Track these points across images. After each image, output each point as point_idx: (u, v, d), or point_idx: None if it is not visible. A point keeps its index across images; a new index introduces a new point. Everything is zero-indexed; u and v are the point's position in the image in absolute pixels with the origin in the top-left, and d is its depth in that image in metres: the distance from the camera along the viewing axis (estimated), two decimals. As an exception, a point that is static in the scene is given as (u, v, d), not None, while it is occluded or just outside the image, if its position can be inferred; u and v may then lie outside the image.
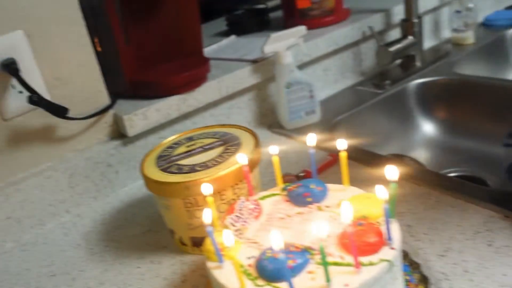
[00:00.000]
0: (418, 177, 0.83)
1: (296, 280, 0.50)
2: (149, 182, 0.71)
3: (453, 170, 1.15)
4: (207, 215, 0.53)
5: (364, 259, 0.51)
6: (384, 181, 0.53)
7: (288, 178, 0.88)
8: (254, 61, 1.08)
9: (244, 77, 1.06)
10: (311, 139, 0.65)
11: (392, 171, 0.53)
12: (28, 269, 0.79)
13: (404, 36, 1.29)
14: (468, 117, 1.22)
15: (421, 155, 1.22)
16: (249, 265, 0.53)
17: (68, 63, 0.86)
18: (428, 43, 1.47)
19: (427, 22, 1.46)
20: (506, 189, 0.77)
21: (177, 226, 0.74)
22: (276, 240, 0.47)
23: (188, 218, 0.72)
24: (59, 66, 0.85)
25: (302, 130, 1.08)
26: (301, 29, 1.03)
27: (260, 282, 0.51)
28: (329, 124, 1.11)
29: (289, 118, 1.09)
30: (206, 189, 0.59)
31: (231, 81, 1.04)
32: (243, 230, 0.58)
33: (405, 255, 0.65)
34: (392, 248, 0.52)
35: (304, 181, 0.64)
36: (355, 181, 0.73)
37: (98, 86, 0.91)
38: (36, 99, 0.77)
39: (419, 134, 1.25)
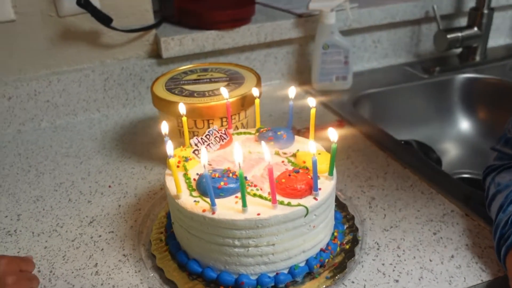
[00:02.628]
0: (407, 160, 0.85)
1: (223, 200, 0.57)
2: (154, 97, 0.81)
3: (468, 172, 1.13)
4: (164, 126, 0.62)
5: (286, 200, 0.57)
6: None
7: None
8: (299, 15, 1.11)
9: (286, 28, 1.10)
10: (292, 91, 0.70)
11: (333, 133, 0.57)
12: (51, 146, 0.94)
13: (469, 26, 1.24)
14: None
15: (446, 149, 1.20)
16: (194, 179, 0.62)
17: (122, -22, 0.96)
18: (502, 40, 1.40)
19: (507, 18, 1.38)
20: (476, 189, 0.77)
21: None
22: (203, 157, 0.54)
23: (179, 136, 0.81)
24: (113, -21, 0.96)
25: (329, 93, 1.11)
26: (349, -7, 1.05)
27: (195, 194, 0.59)
28: (358, 94, 1.13)
29: (319, 79, 1.12)
30: (182, 108, 0.67)
31: (271, 29, 1.08)
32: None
33: (350, 219, 0.70)
34: (315, 199, 0.57)
35: (276, 128, 0.70)
36: (350, 151, 0.78)
37: (145, 5, 1.00)
38: (83, 3, 0.88)
39: (452, 128, 1.23)
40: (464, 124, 1.23)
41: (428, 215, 0.71)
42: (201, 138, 0.67)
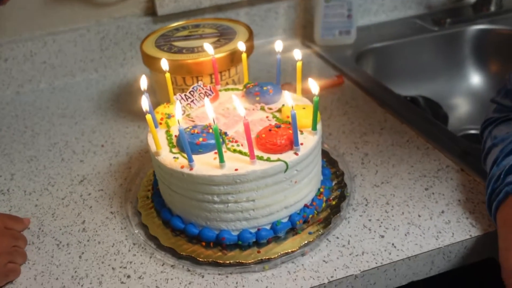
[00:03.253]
0: (405, 116, 0.82)
1: (202, 156, 0.57)
2: (143, 54, 0.79)
3: (477, 128, 1.08)
4: (143, 82, 0.60)
5: (266, 155, 0.55)
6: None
7: (286, 86, 0.91)
8: (299, -32, 1.06)
9: (286, -19, 1.06)
10: (278, 45, 0.67)
11: (313, 85, 0.55)
12: (48, 107, 0.94)
13: (483, -26, 1.17)
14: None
15: (455, 105, 1.16)
16: (175, 136, 0.61)
17: None
18: (521, -12, 1.32)
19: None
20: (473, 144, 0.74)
21: (161, 100, 0.83)
22: (178, 112, 0.53)
23: (168, 93, 0.79)
24: None
25: (331, 48, 1.08)
26: None
27: (175, 150, 0.58)
28: (361, 49, 1.09)
29: (322, 33, 1.08)
30: (164, 64, 0.66)
31: (270, -17, 1.04)
32: (188, 108, 0.65)
33: (340, 175, 0.68)
34: (296, 154, 0.56)
35: (263, 83, 0.67)
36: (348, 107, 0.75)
37: (138, -40, 0.98)
38: (70, -40, 0.86)
39: (462, 83, 1.18)
40: (475, 79, 1.18)
41: (422, 171, 0.69)
42: (185, 95, 0.65)
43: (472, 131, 1.09)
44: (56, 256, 0.60)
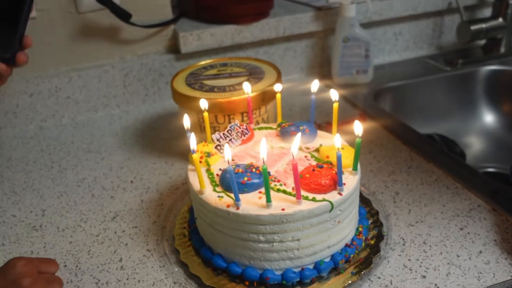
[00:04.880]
0: (430, 154, 0.83)
1: (247, 195, 0.57)
2: (174, 92, 0.81)
3: (493, 166, 1.10)
4: (186, 121, 0.61)
5: (311, 195, 0.56)
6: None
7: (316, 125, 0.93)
8: (318, 8, 1.10)
9: (305, 22, 1.09)
10: (315, 84, 0.69)
11: (358, 126, 0.56)
12: (73, 142, 0.94)
13: (493, 17, 1.21)
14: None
15: (471, 143, 1.18)
16: (217, 175, 0.61)
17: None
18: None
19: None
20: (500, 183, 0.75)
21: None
22: (227, 152, 0.54)
23: (200, 132, 0.80)
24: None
25: (349, 87, 1.10)
26: (369, -15, 1.03)
27: (219, 189, 0.59)
28: (378, 87, 1.11)
29: (339, 72, 1.11)
30: (203, 104, 0.67)
31: (290, 23, 1.07)
32: (226, 147, 0.66)
33: (375, 214, 0.69)
34: (340, 194, 0.56)
35: (299, 123, 0.69)
36: (372, 145, 0.76)
37: (163, 0, 1.00)
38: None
39: (476, 122, 1.20)
40: (488, 118, 1.21)
41: (454, 210, 0.70)
42: (223, 134, 0.66)
43: (490, 169, 1.10)
44: (95, 296, 0.60)
